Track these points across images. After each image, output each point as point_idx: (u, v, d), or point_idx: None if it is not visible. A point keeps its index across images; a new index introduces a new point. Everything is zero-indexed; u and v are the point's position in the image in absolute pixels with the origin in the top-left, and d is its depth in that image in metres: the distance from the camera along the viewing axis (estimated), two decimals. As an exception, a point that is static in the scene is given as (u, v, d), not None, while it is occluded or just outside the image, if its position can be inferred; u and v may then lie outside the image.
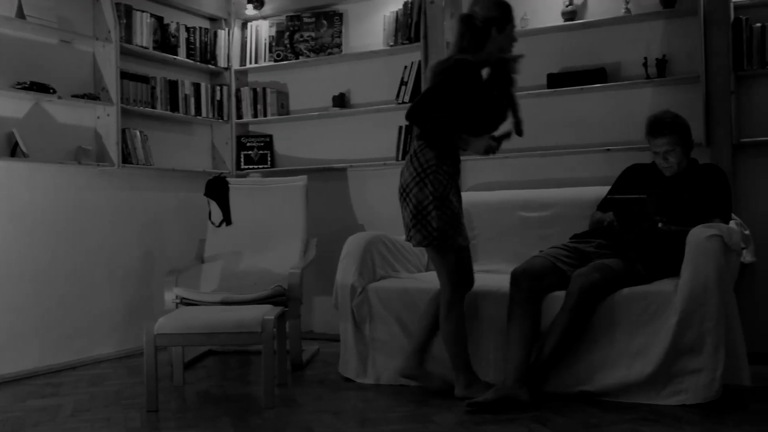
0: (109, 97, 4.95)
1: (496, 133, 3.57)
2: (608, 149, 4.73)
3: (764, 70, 4.34)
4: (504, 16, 3.64)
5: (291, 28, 5.80)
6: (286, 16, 5.83)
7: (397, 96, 5.39)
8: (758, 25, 4.33)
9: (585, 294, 3.53)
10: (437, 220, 3.50)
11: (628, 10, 4.70)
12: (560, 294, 3.63)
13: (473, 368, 3.72)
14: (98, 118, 5.00)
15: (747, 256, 4.02)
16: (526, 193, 4.74)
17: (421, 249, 4.75)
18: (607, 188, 4.15)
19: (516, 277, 3.69)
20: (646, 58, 4.64)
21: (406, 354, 3.85)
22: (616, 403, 3.51)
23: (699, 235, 3.45)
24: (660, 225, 3.62)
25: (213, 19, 6.01)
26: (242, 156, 5.98)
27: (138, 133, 5.17)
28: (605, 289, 3.56)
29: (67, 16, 4.84)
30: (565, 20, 4.87)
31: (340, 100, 5.67)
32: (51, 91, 4.59)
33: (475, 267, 4.59)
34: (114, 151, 4.94)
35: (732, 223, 3.89)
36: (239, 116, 5.98)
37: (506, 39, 3.64)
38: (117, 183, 5.14)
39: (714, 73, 4.44)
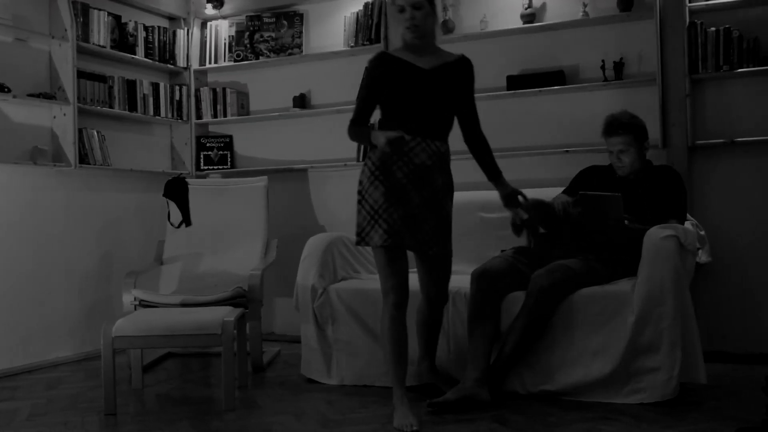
0: (65, 96, 4.86)
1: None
2: (567, 150, 4.77)
3: (718, 73, 4.41)
4: None
5: (251, 28, 5.75)
6: (246, 16, 5.78)
7: (358, 97, 5.37)
8: (713, 29, 4.40)
9: (544, 294, 3.54)
10: (357, 215, 3.35)
11: (586, 13, 4.74)
12: (520, 294, 3.65)
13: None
14: (54, 117, 4.91)
15: (702, 256, 4.08)
16: (486, 194, 4.72)
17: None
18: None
19: (476, 277, 3.70)
20: (603, 61, 4.68)
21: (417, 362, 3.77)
22: (575, 402, 3.53)
23: (655, 236, 3.49)
24: (627, 222, 3.64)
25: (172, 18, 5.94)
26: (202, 156, 5.92)
27: (95, 133, 5.09)
28: (565, 290, 3.59)
29: (22, 14, 4.75)
30: (524, 23, 4.89)
31: (301, 101, 5.64)
32: (6, 89, 4.50)
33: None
34: (71, 151, 4.86)
35: (687, 224, 3.94)
36: (199, 116, 5.92)
37: (396, 20, 3.43)
38: (74, 183, 5.05)
39: (670, 77, 4.51)
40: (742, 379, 3.93)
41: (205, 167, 5.91)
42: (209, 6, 5.83)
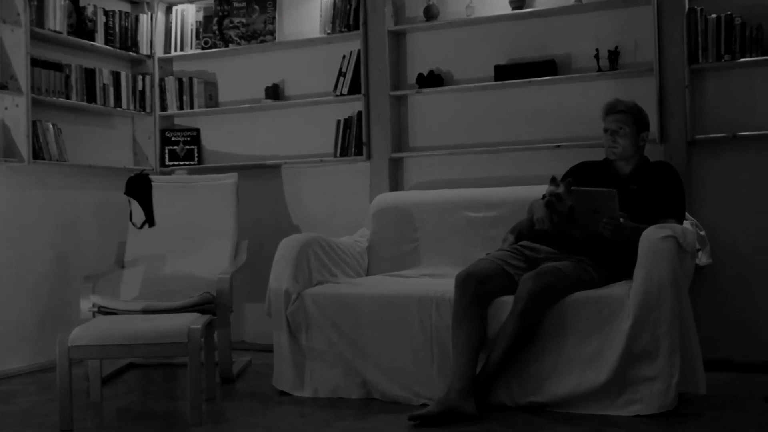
0: (18, 86, 4.82)
1: None
2: (558, 145, 4.78)
3: (720, 63, 4.43)
4: None
5: (220, 14, 5.73)
6: (215, 0, 5.76)
7: (335, 87, 5.37)
8: (713, 15, 4.42)
9: (534, 298, 3.55)
10: None
11: (579, -1, 4.76)
12: (508, 299, 3.65)
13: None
14: (6, 109, 4.87)
15: (702, 258, 4.10)
16: (472, 192, 4.76)
17: (361, 252, 4.76)
18: (557, 186, 4.19)
19: (461, 280, 3.70)
20: (597, 50, 4.70)
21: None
22: (567, 414, 3.54)
23: (652, 236, 3.50)
24: (621, 220, 3.65)
25: (134, 3, 5.91)
26: (167, 151, 5.90)
27: (51, 125, 5.06)
28: (555, 294, 3.59)
29: (-30, -3, 4.71)
30: (513, 8, 4.90)
31: (274, 92, 5.63)
32: (-47, 79, 4.47)
33: (419, 270, 4.65)
34: (24, 146, 4.82)
35: (686, 224, 3.97)
36: (163, 108, 5.90)
37: None
38: (27, 180, 5.02)
39: (668, 66, 4.53)
40: (743, 389, 3.96)
41: (170, 163, 5.88)
42: (175, -11, 5.81)
